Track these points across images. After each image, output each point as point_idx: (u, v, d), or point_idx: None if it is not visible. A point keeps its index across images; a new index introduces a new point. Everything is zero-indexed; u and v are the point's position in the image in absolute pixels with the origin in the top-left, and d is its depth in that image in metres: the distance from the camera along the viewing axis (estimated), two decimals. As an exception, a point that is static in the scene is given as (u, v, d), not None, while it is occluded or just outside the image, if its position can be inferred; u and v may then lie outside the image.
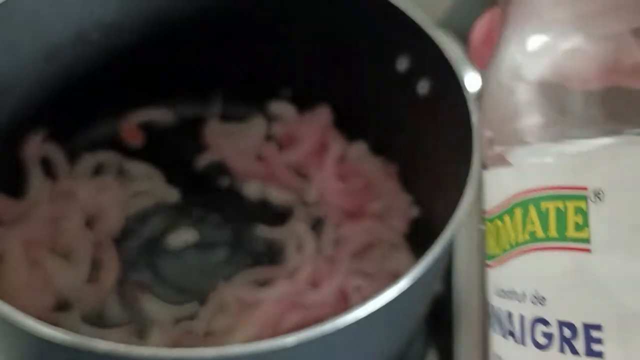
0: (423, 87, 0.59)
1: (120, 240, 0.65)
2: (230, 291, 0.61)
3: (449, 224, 0.46)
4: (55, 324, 0.58)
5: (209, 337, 0.59)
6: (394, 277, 0.63)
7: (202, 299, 0.61)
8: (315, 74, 0.69)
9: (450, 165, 0.58)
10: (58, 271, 0.61)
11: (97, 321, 0.60)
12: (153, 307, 0.61)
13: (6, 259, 0.60)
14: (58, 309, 0.60)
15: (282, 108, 0.73)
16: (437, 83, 0.58)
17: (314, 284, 0.61)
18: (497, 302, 0.24)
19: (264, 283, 0.62)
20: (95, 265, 0.62)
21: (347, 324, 0.40)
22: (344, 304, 0.59)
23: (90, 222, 0.64)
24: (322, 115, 0.71)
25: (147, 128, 0.72)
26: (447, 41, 0.56)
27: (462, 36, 0.59)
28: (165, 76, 0.71)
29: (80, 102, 0.67)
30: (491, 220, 0.25)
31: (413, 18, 0.57)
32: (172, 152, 0.71)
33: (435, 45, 0.54)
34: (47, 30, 0.62)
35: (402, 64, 0.61)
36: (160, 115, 0.72)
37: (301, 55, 0.69)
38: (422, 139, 0.64)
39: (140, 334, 0.59)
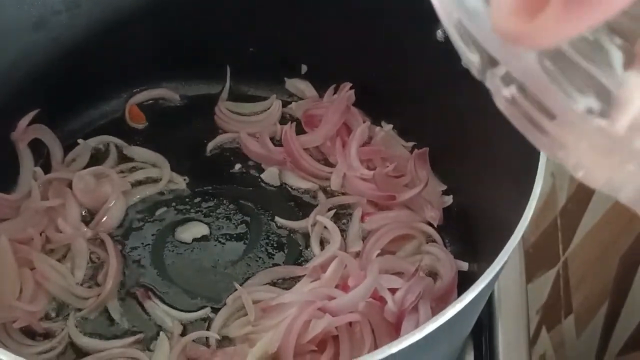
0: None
1: (121, 236, 0.59)
2: (248, 294, 0.54)
3: (519, 224, 0.38)
4: (47, 334, 0.53)
5: (224, 348, 0.52)
6: (430, 276, 0.58)
7: (216, 303, 0.55)
8: (335, 47, 0.63)
9: (500, 147, 0.51)
10: (52, 273, 0.54)
11: (97, 330, 0.54)
12: (160, 313, 0.54)
13: (-7, 259, 0.54)
14: (52, 317, 0.54)
15: (300, 86, 0.67)
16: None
17: (342, 285, 0.54)
18: None
19: (285, 284, 0.56)
20: (94, 266, 0.56)
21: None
22: (377, 309, 0.52)
23: (87, 217, 0.59)
24: (345, 93, 0.64)
25: (152, 109, 0.66)
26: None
27: None
28: (170, 50, 0.65)
29: (74, 80, 0.61)
30: None
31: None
32: (179, 135, 0.65)
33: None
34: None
35: (443, 32, 0.53)
36: (166, 94, 0.67)
37: (321, 24, 0.62)
38: (462, 118, 0.57)
39: (146, 345, 0.53)
